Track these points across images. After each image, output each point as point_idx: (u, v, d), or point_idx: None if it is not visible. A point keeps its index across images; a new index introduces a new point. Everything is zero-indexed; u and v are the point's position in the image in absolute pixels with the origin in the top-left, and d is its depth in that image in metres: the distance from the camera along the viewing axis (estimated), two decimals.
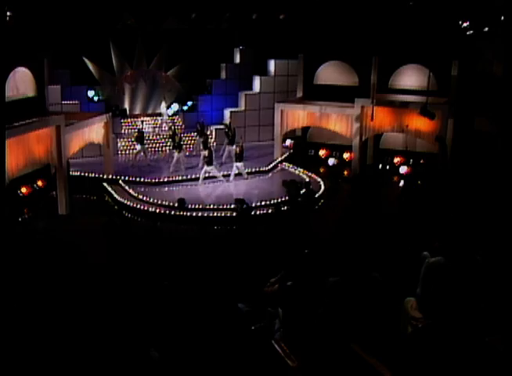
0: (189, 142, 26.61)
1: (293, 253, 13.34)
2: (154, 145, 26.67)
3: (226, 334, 9.49)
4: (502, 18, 22.42)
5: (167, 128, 26.74)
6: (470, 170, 21.45)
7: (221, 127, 27.03)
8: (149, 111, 28.64)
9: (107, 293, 13.03)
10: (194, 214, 19.40)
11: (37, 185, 21.36)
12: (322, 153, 26.68)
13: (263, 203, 19.98)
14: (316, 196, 21.25)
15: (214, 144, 26.75)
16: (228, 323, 9.62)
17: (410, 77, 24.93)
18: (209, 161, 21.83)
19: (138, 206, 20.13)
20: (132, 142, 25.71)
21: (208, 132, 26.17)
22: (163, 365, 9.28)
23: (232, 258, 15.03)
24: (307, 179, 22.99)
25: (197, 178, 22.33)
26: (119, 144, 26.04)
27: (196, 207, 19.68)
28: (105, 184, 22.18)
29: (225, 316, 9.96)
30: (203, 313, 11.40)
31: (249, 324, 8.83)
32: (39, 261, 15.08)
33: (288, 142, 27.46)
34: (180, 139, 24.04)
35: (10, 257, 14.82)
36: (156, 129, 27.43)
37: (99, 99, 27.14)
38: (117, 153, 25.66)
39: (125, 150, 26.18)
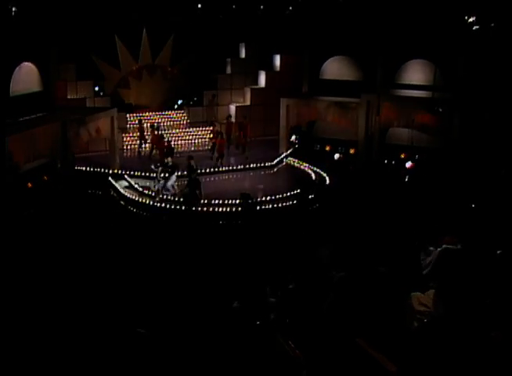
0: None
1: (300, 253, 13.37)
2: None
3: (230, 330, 9.51)
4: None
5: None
6: (477, 164, 21.43)
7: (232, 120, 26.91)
8: (155, 106, 28.67)
9: (111, 286, 13.09)
10: (199, 208, 19.41)
11: (43, 179, 21.39)
12: (327, 148, 26.61)
13: (268, 198, 20.00)
14: (321, 191, 21.29)
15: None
16: (229, 318, 9.64)
17: (416, 73, 24.83)
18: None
19: (144, 200, 20.16)
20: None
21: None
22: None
23: (238, 252, 15.07)
24: (312, 175, 23.01)
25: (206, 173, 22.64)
26: (124, 139, 26.08)
27: (202, 201, 19.69)
28: (110, 179, 22.22)
29: (226, 313, 9.98)
30: (206, 309, 11.43)
31: (248, 320, 8.83)
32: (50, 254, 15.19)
33: (293, 137, 27.40)
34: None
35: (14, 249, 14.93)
36: (163, 124, 27.45)
37: (104, 94, 27.17)
38: (123, 148, 25.72)
39: (131, 145, 26.26)
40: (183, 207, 19.35)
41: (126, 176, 22.13)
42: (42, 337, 10.73)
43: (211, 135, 25.26)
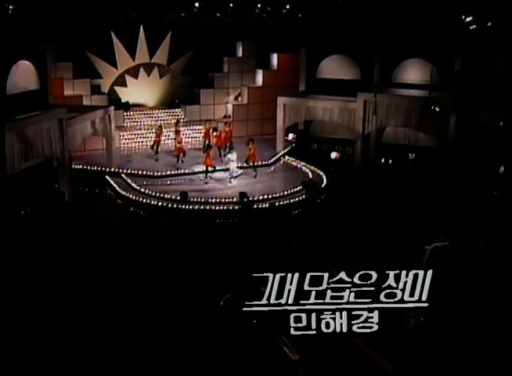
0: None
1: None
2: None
3: (226, 327, 9.50)
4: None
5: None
6: (474, 164, 21.47)
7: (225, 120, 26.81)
8: (151, 104, 28.66)
9: (108, 287, 13.08)
10: (196, 207, 19.41)
11: (39, 178, 21.32)
12: (324, 147, 26.61)
13: (265, 196, 20.00)
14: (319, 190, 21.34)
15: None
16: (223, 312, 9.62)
17: (413, 72, 24.85)
18: None
19: (140, 199, 20.14)
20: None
21: None
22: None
23: (235, 251, 15.06)
24: (310, 174, 23.02)
25: (196, 172, 22.59)
26: (121, 137, 26.05)
27: (198, 200, 19.68)
28: (107, 177, 22.18)
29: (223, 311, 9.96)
30: (202, 307, 11.43)
31: (240, 311, 8.81)
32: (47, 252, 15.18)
33: (290, 136, 27.39)
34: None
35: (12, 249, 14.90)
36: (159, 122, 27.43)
37: (101, 92, 27.13)
38: (120, 147, 25.69)
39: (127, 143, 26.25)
40: None
41: (123, 175, 22.11)
42: (42, 336, 10.73)
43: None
